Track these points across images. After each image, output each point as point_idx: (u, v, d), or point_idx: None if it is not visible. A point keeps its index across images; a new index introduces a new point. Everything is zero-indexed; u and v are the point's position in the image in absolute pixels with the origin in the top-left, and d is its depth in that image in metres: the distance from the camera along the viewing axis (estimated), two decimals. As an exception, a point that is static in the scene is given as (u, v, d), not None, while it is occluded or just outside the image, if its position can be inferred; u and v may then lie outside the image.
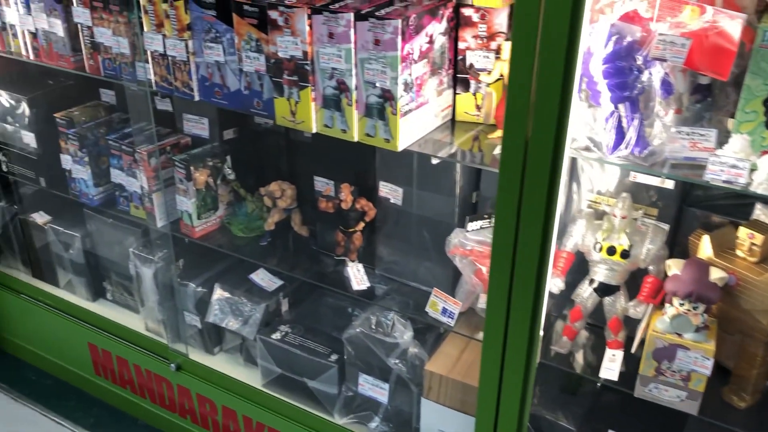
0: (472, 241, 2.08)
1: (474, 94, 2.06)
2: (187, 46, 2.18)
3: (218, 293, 2.65)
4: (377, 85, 1.87)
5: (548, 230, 1.67)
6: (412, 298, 2.29)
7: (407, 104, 1.89)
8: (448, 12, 1.96)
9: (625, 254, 1.84)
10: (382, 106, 1.89)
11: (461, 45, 2.01)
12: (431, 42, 1.92)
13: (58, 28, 2.48)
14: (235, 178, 2.58)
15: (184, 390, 2.76)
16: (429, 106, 2.00)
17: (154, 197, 2.60)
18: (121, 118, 2.83)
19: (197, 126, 2.63)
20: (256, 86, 2.10)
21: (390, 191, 2.21)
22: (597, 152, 1.71)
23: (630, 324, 1.91)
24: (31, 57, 2.65)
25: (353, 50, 1.86)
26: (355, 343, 2.31)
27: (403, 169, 2.16)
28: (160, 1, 2.17)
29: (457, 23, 2.00)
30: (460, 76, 2.05)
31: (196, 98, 2.27)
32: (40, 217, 3.10)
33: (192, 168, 2.48)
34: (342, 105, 1.95)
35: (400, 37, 1.78)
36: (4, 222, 3.23)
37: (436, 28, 1.93)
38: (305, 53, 1.93)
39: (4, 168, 3.07)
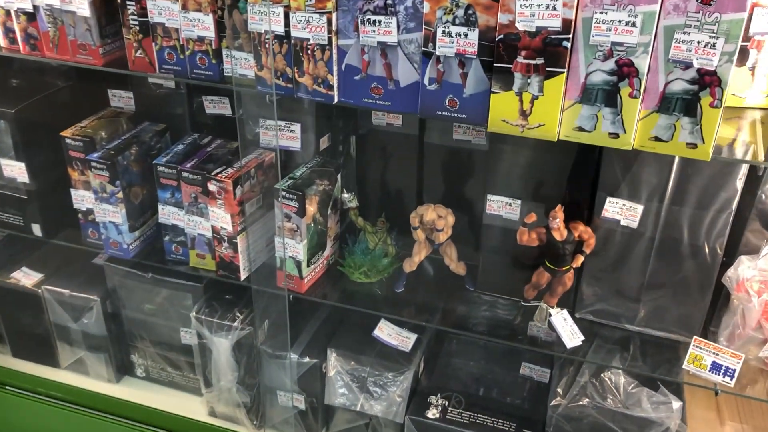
0: (761, 271, 1.54)
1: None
2: (329, 22, 1.45)
3: (335, 364, 1.93)
4: (694, 64, 1.25)
5: None
6: (634, 348, 1.72)
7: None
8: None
9: None
10: (694, 96, 1.27)
11: (747, 1, 1.42)
12: None
13: (83, 5, 1.63)
14: (357, 204, 1.86)
15: (292, 495, 2.04)
16: (717, 91, 1.41)
17: (239, 240, 1.83)
18: (156, 131, 2.00)
19: (284, 135, 1.87)
20: (454, 77, 1.41)
21: (622, 210, 1.60)
22: None
23: None
24: (24, 50, 1.76)
25: (657, 14, 1.23)
26: (572, 417, 1.71)
27: (648, 178, 1.56)
28: (285, -46, 1.41)
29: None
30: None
31: (336, 99, 1.53)
32: (25, 277, 2.20)
33: (306, 198, 1.74)
34: (619, 97, 1.31)
35: (752, -9, 1.18)
36: (-35, 287, 2.29)
37: (743, -22, 1.33)
38: (566, 22, 1.27)
39: (-35, 214, 2.14)
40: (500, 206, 1.73)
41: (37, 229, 2.06)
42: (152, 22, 1.61)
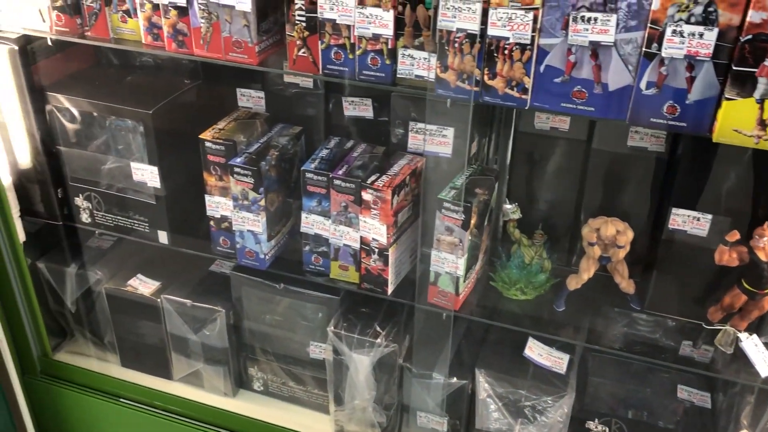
0: None
1: None
2: (535, 19, 1.31)
3: (485, 386, 1.80)
4: None
5: None
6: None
7: None
8: None
9: None
10: None
11: None
12: None
13: (244, 0, 1.51)
14: (519, 216, 1.73)
15: None
16: None
17: (390, 253, 1.71)
18: (292, 134, 1.88)
19: (434, 140, 1.75)
20: (678, 81, 1.27)
21: (836, 228, 1.46)
22: None
23: None
24: (170, 47, 1.64)
25: None
26: (765, 452, 1.58)
27: None
28: (491, -56, 1.28)
29: None
30: None
31: (528, 104, 1.40)
32: (142, 285, 2.10)
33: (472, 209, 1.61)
34: None
35: None
36: (76, 295, 2.19)
37: None
38: (834, 22, 1.13)
39: (84, 218, 2.03)
40: (686, 221, 1.58)
41: (163, 237, 1.95)
42: (321, 18, 1.48)
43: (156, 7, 1.61)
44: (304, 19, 1.50)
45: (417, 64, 1.47)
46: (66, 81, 1.93)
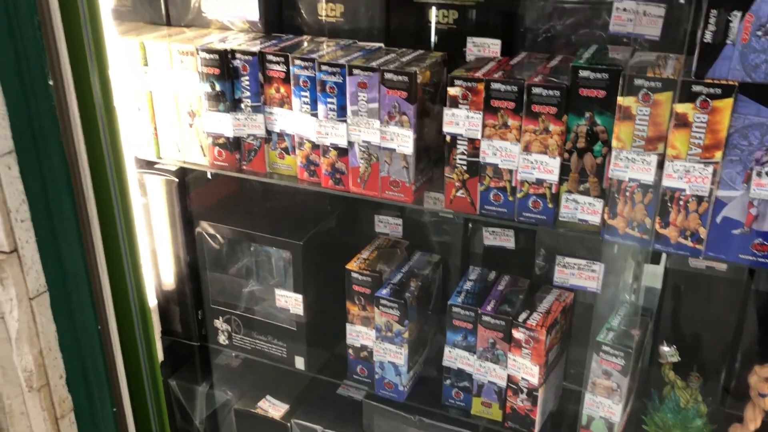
0: None
1: None
2: (714, 172, 1.30)
3: None
4: None
5: None
6: None
7: None
8: None
9: None
10: None
11: None
12: None
13: (404, 142, 1.55)
14: (678, 359, 1.66)
15: None
16: None
17: (540, 393, 1.66)
18: (431, 262, 1.89)
19: (583, 274, 1.72)
20: None
21: None
22: None
23: None
24: (326, 183, 1.70)
25: None
26: None
27: None
28: (671, 100, 1.28)
29: None
30: None
31: (702, 255, 1.37)
32: (272, 408, 2.09)
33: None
34: None
35: None
36: (205, 413, 2.20)
37: None
38: None
39: (221, 340, 2.06)
40: None
41: (300, 362, 1.95)
42: (483, 162, 1.50)
43: (315, 146, 1.68)
44: (465, 163, 1.53)
45: (581, 208, 1.46)
46: (214, 208, 2.01)
